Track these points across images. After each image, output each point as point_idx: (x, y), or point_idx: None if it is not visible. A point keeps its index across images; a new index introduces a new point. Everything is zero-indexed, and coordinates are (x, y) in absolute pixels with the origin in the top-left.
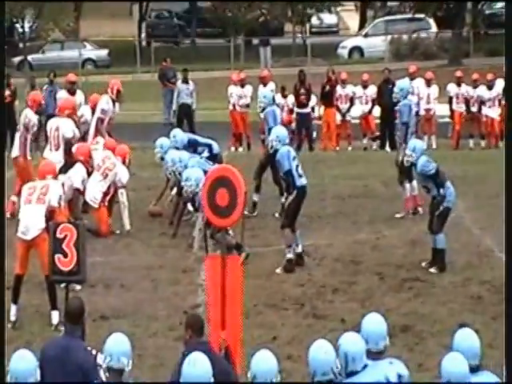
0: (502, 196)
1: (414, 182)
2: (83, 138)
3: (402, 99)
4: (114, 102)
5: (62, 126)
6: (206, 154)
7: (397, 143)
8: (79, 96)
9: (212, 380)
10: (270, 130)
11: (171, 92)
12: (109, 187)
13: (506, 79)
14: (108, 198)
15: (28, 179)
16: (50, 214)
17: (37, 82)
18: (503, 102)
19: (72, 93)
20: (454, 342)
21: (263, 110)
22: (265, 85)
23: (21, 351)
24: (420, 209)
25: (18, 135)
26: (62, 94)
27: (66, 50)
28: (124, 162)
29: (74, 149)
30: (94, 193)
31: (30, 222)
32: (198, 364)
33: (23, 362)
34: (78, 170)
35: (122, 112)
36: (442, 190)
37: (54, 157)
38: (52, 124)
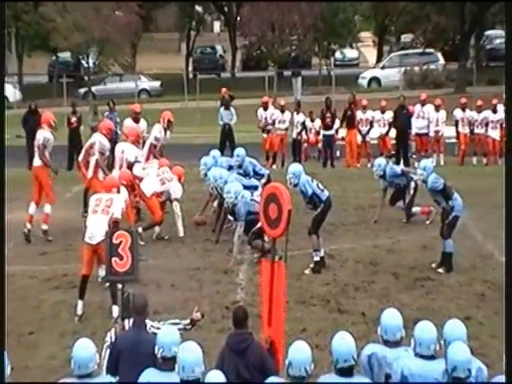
0: (502, 207)
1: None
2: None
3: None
4: (165, 130)
5: (126, 151)
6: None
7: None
8: (143, 124)
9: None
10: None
11: None
12: (162, 192)
13: (506, 87)
14: (160, 200)
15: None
16: (114, 225)
17: (99, 109)
18: (504, 125)
19: (136, 121)
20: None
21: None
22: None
23: (82, 340)
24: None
25: (92, 159)
26: (127, 122)
27: (124, 82)
28: (180, 180)
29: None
30: (150, 185)
31: (96, 229)
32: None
33: (84, 350)
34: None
35: (171, 135)
36: (450, 202)
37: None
38: (119, 148)
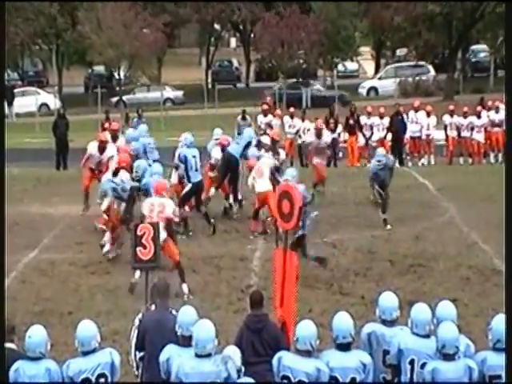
0: (485, 201)
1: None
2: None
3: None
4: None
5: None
6: None
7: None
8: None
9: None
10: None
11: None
12: None
13: (506, 90)
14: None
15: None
16: (167, 222)
17: (130, 116)
18: (488, 129)
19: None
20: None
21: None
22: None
23: (84, 322)
24: None
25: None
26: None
27: (151, 92)
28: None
29: None
30: None
31: None
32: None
33: (86, 330)
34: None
35: (196, 138)
36: None
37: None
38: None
